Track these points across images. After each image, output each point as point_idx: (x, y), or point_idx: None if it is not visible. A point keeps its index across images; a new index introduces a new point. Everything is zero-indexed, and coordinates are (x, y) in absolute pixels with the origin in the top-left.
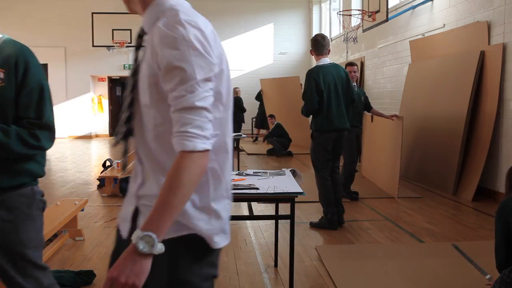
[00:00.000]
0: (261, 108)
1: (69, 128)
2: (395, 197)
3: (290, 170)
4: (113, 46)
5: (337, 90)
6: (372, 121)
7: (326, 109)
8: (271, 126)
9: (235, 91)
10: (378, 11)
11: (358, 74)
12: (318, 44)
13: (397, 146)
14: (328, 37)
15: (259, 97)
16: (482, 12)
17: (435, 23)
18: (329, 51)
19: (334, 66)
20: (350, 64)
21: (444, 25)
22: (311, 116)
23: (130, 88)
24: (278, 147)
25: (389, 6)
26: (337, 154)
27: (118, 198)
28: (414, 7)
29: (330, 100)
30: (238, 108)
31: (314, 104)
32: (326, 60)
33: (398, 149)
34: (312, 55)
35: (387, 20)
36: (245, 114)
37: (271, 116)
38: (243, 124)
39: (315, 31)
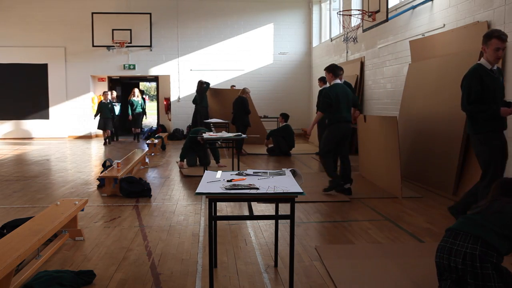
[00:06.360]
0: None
1: (69, 128)
2: (399, 197)
3: (290, 170)
4: (113, 46)
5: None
6: (365, 121)
7: None
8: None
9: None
10: (378, 11)
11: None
12: None
13: (394, 146)
14: (328, 37)
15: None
16: (482, 12)
17: (435, 23)
18: None
19: None
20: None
21: (444, 25)
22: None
23: None
24: (275, 147)
25: (389, 6)
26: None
27: (118, 198)
28: (414, 7)
29: None
30: (244, 110)
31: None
32: None
33: (396, 149)
34: None
35: (387, 20)
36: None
37: (282, 115)
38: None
39: (315, 31)
